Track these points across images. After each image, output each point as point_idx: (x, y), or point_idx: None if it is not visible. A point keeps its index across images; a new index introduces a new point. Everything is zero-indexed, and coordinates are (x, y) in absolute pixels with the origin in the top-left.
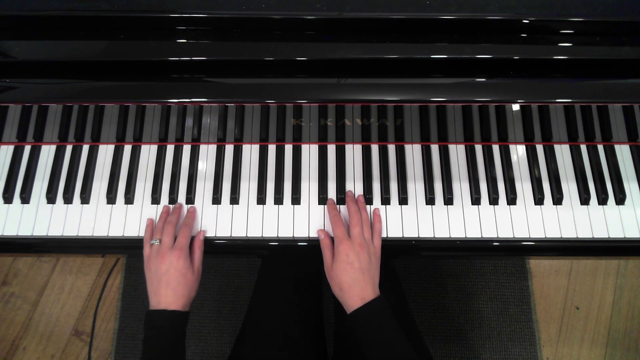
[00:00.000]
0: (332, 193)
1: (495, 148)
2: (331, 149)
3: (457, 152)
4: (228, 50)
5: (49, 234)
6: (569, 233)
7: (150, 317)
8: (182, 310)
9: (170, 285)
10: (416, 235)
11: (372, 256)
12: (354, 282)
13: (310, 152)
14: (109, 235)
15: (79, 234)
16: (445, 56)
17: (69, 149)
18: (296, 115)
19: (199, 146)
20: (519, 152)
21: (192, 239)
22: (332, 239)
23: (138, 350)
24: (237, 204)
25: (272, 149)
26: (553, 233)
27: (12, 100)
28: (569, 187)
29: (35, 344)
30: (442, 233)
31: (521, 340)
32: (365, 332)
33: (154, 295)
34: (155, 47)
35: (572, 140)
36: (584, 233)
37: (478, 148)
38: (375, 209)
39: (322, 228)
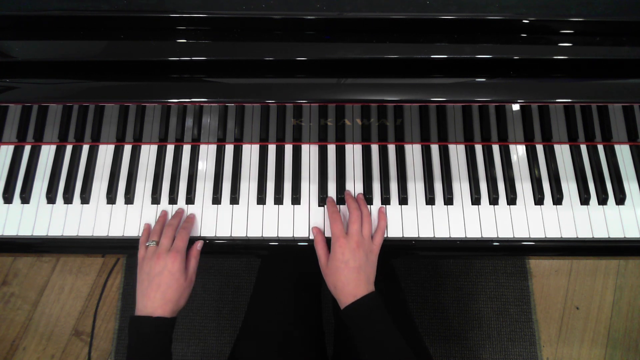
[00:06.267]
0: (332, 193)
1: (495, 148)
2: (331, 149)
3: (457, 152)
4: (228, 50)
5: (49, 234)
6: (569, 233)
7: (135, 323)
8: (168, 316)
9: (160, 288)
10: (416, 235)
11: (369, 254)
12: (348, 280)
13: (310, 152)
14: (109, 235)
15: (79, 234)
16: (446, 56)
17: (69, 149)
18: (296, 115)
19: (199, 146)
20: (519, 152)
21: (189, 248)
22: (325, 237)
23: None
24: (237, 204)
25: (272, 149)
26: (553, 233)
27: (12, 100)
28: (569, 187)
29: (35, 344)
30: (442, 233)
31: (521, 340)
32: (357, 327)
33: (141, 297)
34: (155, 47)
35: (572, 140)
36: (584, 233)
37: (478, 148)
38: (380, 207)
39: (321, 227)
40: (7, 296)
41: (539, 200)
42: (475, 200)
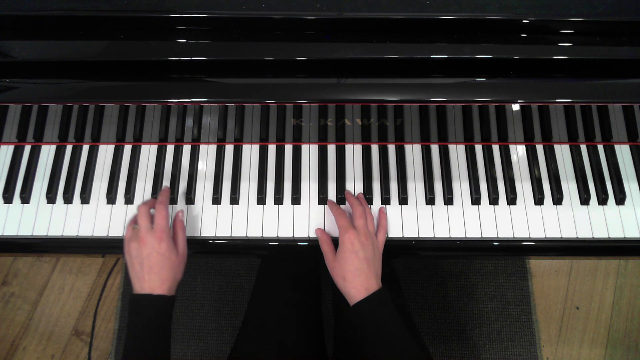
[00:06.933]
0: (332, 193)
1: (495, 148)
2: (331, 149)
3: (457, 152)
4: (228, 50)
5: (49, 234)
6: (569, 233)
7: (135, 301)
8: (168, 294)
9: (153, 270)
10: (416, 235)
11: (376, 249)
12: (359, 271)
13: (310, 152)
14: (109, 235)
15: (79, 234)
16: (445, 56)
17: (69, 149)
18: (296, 115)
19: (199, 146)
20: (519, 152)
21: (173, 223)
22: (329, 236)
23: None
24: (237, 204)
25: (272, 149)
26: (553, 233)
27: (12, 100)
28: (569, 187)
29: (35, 344)
30: (442, 233)
31: (521, 340)
32: (371, 322)
33: (137, 281)
34: (155, 47)
35: (572, 140)
36: (584, 233)
37: (478, 148)
38: (380, 207)
39: (321, 227)
40: (7, 296)
41: (539, 200)
42: (475, 200)
